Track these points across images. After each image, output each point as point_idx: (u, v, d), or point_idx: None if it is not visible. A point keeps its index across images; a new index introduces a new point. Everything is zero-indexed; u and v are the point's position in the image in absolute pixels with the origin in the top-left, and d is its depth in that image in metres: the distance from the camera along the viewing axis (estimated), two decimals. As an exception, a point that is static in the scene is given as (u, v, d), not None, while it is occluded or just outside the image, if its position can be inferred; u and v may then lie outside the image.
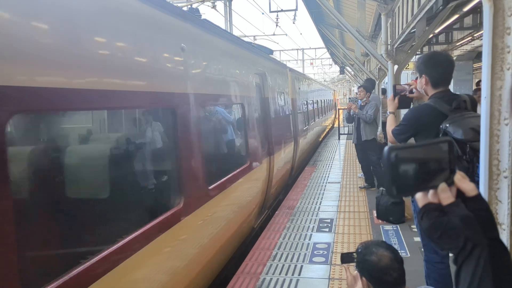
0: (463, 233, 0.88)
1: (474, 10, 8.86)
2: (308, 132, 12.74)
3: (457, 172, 0.93)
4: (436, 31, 9.06)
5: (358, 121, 7.65)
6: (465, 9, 7.61)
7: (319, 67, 45.18)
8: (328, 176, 9.63)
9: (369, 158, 7.67)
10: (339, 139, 17.81)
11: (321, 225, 6.00)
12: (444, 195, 0.92)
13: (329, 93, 26.28)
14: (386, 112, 3.48)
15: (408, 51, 6.71)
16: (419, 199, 0.95)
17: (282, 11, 17.17)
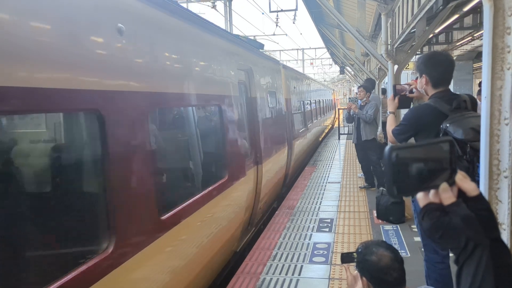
0: (464, 233, 0.88)
1: (474, 10, 8.86)
2: (305, 134, 12.09)
3: (458, 172, 0.93)
4: (436, 31, 9.06)
5: (358, 121, 7.65)
6: (465, 9, 7.61)
7: (319, 67, 45.23)
8: (328, 176, 9.63)
9: (369, 158, 7.67)
10: (339, 139, 17.81)
11: (321, 225, 6.00)
12: (445, 195, 0.91)
13: (328, 92, 25.48)
14: (386, 112, 3.48)
15: (408, 51, 6.71)
16: (420, 199, 0.95)
17: (282, 11, 17.18)
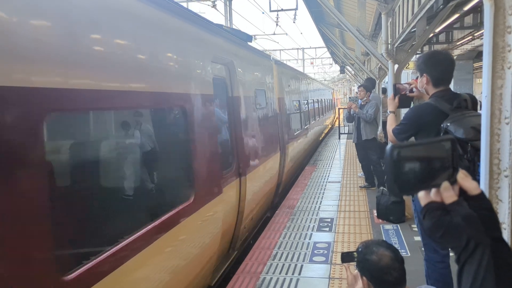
0: (465, 232, 0.88)
1: (474, 9, 8.86)
2: (301, 137, 11.28)
3: (459, 171, 0.92)
4: (436, 30, 9.06)
5: (358, 121, 7.65)
6: (466, 8, 7.61)
7: (320, 66, 45.24)
8: (328, 176, 9.63)
9: (370, 157, 7.67)
10: (339, 138, 17.81)
11: (321, 224, 6.00)
12: (447, 193, 0.91)
13: (327, 92, 24.30)
14: (387, 112, 3.48)
15: (409, 51, 6.71)
16: (422, 197, 0.95)
17: (282, 10, 17.22)
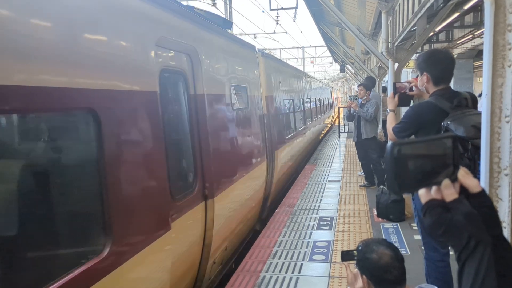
0: (466, 230, 0.87)
1: (474, 8, 8.86)
2: (296, 140, 10.17)
3: (460, 168, 0.92)
4: (436, 29, 9.06)
5: (358, 119, 7.64)
6: (466, 7, 7.62)
7: (320, 65, 45.22)
8: (328, 174, 9.63)
9: (369, 156, 7.67)
10: (339, 137, 17.80)
11: (321, 223, 6.00)
12: (448, 191, 0.91)
13: (326, 90, 23.18)
14: (387, 110, 3.48)
15: (409, 49, 6.70)
16: (422, 195, 0.94)
17: (282, 9, 17.17)
